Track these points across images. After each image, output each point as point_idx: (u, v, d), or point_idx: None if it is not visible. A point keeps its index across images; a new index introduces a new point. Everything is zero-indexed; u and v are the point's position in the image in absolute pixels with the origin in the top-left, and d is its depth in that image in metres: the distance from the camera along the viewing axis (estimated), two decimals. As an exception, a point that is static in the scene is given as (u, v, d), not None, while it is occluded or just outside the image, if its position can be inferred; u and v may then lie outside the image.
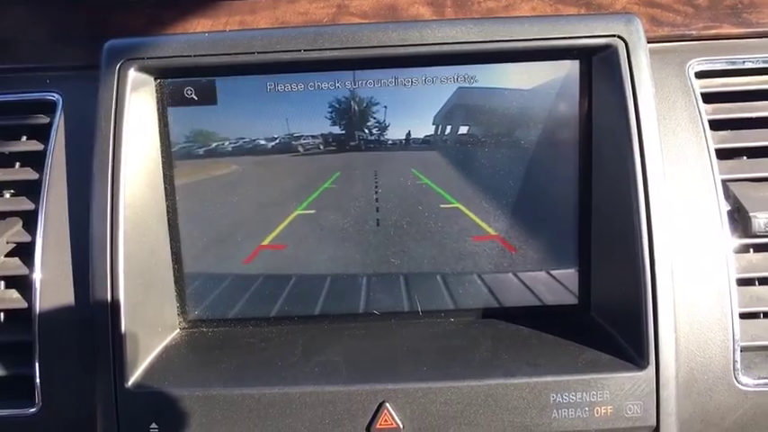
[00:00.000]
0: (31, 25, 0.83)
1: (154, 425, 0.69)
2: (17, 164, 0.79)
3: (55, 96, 0.79)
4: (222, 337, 0.78)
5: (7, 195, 0.79)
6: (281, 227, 0.77)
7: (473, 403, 0.67)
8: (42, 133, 0.78)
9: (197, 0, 0.83)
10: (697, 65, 0.80)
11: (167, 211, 0.77)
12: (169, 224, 0.77)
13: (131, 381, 0.70)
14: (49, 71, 0.81)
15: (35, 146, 0.78)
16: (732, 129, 0.78)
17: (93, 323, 0.70)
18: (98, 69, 0.74)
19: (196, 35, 0.74)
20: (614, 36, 0.72)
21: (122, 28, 0.82)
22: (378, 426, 0.68)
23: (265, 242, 0.78)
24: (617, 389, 0.68)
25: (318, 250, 0.77)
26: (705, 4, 0.83)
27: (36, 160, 0.78)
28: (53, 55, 0.81)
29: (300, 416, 0.68)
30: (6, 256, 0.75)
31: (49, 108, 0.79)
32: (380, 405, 0.68)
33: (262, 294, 0.78)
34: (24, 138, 0.80)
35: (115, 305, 0.70)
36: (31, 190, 0.77)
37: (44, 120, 0.78)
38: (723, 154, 0.76)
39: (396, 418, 0.68)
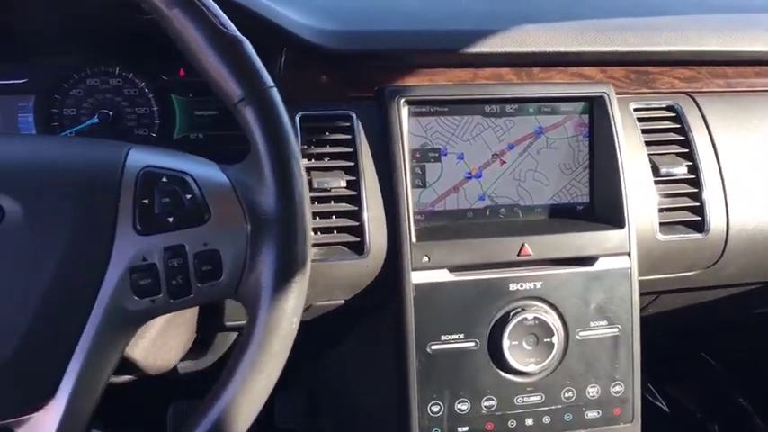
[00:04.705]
0: (330, 78, 1.70)
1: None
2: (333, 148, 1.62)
3: (352, 113, 1.63)
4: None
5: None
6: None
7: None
8: (347, 132, 1.62)
9: (406, 67, 1.72)
10: (634, 104, 1.77)
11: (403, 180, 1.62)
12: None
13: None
14: (346, 101, 1.66)
15: (346, 135, 1.62)
16: (654, 132, 1.76)
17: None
18: (372, 99, 1.60)
19: (435, 85, 1.64)
20: (603, 92, 1.69)
21: (371, 80, 1.69)
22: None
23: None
24: (611, 236, 1.63)
25: None
26: (633, 77, 1.82)
27: (347, 146, 1.61)
28: (348, 93, 1.68)
29: None
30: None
31: (349, 119, 1.64)
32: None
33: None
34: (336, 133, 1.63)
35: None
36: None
37: (347, 124, 1.63)
38: (649, 144, 1.74)
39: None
